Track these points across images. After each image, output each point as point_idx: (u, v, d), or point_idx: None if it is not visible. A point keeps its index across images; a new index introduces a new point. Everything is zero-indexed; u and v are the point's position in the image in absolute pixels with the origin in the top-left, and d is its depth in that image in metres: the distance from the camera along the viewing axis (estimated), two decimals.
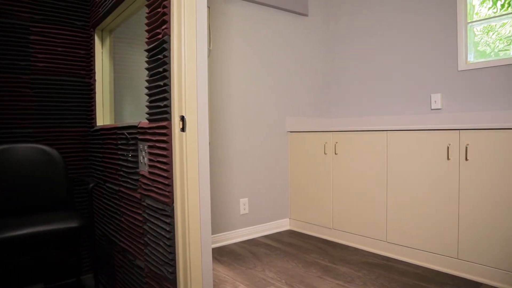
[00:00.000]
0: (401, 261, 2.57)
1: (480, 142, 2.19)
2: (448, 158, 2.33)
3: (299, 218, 3.38)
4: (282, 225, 3.44)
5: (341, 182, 3.00)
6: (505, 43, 2.67)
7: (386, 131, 2.68)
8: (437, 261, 2.41)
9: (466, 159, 2.25)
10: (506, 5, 2.65)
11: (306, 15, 3.61)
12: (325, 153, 3.13)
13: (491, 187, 2.15)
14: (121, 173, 2.08)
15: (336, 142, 3.03)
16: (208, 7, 2.90)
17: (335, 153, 3.04)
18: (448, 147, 2.33)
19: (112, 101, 2.65)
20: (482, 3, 2.77)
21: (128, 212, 2.00)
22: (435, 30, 2.99)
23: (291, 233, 3.33)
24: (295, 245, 2.95)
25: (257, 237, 3.21)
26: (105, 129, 2.28)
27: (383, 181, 2.70)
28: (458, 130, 2.28)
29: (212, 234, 2.96)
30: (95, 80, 2.56)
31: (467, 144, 2.24)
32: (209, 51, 2.93)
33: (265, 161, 3.31)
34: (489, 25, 2.75)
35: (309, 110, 3.68)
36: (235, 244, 3.02)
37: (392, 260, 2.59)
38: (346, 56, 3.71)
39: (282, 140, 3.46)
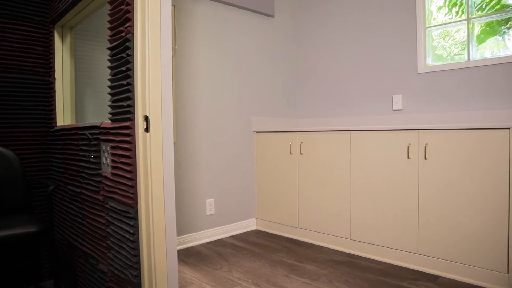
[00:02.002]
0: (365, 257, 2.64)
1: (438, 142, 2.29)
2: (408, 157, 2.42)
3: (266, 217, 3.41)
4: (249, 225, 3.45)
5: (306, 181, 3.05)
6: (460, 48, 2.80)
7: (349, 131, 2.74)
8: (398, 257, 2.50)
9: (425, 158, 2.34)
10: (460, 12, 2.79)
11: (272, 16, 3.64)
12: (290, 153, 3.16)
13: (448, 185, 2.25)
14: (83, 174, 2.01)
15: (302, 142, 3.07)
16: (174, 5, 2.86)
17: (301, 153, 3.08)
18: (408, 147, 2.42)
19: (73, 101, 2.56)
20: (439, 9, 2.90)
21: (90, 215, 1.94)
22: (396, 33, 3.10)
23: (257, 233, 3.35)
24: (261, 245, 2.97)
25: (223, 237, 3.20)
26: (66, 130, 2.20)
27: (347, 180, 2.77)
28: (418, 130, 2.37)
29: (178, 235, 2.92)
30: (54, 79, 2.46)
31: (426, 144, 2.34)
32: (175, 50, 2.89)
33: (231, 161, 3.31)
34: (446, 30, 2.88)
35: (275, 110, 3.71)
36: (202, 245, 3.00)
37: (356, 257, 2.65)
38: (311, 58, 3.77)
39: (248, 140, 3.46)
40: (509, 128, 2.02)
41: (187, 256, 2.73)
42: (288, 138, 3.19)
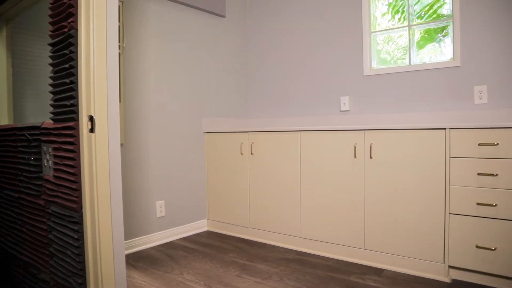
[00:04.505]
0: (315, 255, 2.71)
1: (382, 141, 2.40)
2: (355, 157, 2.52)
3: (217, 218, 3.39)
4: (200, 226, 3.42)
5: (257, 181, 3.08)
6: (402, 53, 2.96)
7: (299, 131, 2.80)
8: (346, 252, 2.59)
9: (371, 157, 2.45)
10: (402, 19, 2.94)
11: (223, 16, 3.63)
12: (241, 153, 3.17)
13: (391, 182, 2.37)
14: (22, 178, 1.88)
15: (252, 142, 3.09)
16: (122, 2, 2.77)
17: (251, 153, 3.10)
18: (355, 146, 2.52)
19: (11, 99, 2.40)
20: (383, 15, 3.05)
21: (30, 221, 1.82)
22: (343, 37, 3.21)
23: (209, 234, 3.32)
24: (213, 246, 2.95)
25: (174, 239, 3.14)
26: (2, 130, 2.06)
27: (296, 179, 2.83)
28: (364, 131, 2.48)
29: (127, 239, 2.83)
30: None
31: (371, 144, 2.44)
32: (122, 48, 2.79)
33: (181, 163, 3.26)
34: (389, 36, 3.03)
35: (225, 110, 3.70)
36: (152, 248, 2.92)
37: (306, 255, 2.72)
38: (261, 59, 3.81)
39: (199, 140, 3.43)
40: (445, 129, 2.16)
41: (136, 260, 2.65)
42: (238, 139, 3.19)
